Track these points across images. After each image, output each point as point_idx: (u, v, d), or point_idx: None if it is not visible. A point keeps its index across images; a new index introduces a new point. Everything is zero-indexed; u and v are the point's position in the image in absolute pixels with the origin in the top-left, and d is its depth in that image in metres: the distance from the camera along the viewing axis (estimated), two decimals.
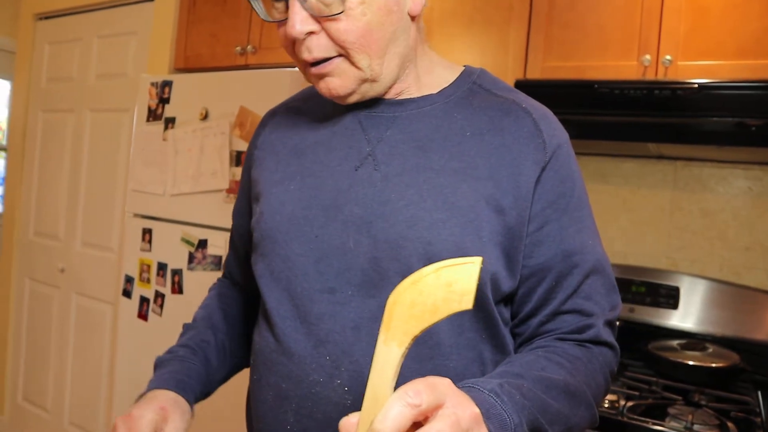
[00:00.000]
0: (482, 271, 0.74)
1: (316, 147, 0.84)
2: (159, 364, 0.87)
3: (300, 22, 0.72)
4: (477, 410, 0.54)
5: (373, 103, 0.83)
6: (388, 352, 0.49)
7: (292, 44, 0.76)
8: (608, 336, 0.81)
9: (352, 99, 0.79)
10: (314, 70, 0.77)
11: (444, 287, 0.48)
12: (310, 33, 0.73)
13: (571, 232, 0.78)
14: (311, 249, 0.78)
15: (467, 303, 0.48)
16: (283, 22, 0.75)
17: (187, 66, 2.48)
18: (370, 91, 0.80)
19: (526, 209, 0.76)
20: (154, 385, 0.81)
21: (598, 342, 0.79)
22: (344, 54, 0.75)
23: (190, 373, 0.84)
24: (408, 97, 0.83)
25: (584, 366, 0.75)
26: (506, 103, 0.81)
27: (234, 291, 1.03)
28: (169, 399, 0.77)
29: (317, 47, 0.74)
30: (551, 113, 0.84)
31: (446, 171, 0.76)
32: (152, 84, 2.21)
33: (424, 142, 0.79)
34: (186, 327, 0.96)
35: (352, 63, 0.75)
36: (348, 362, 0.74)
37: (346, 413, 0.49)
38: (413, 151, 0.78)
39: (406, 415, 0.47)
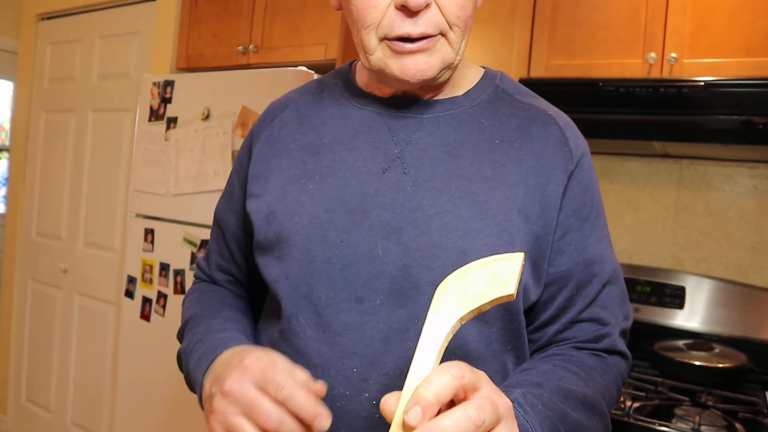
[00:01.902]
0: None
1: (335, 145, 0.80)
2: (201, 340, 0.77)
3: None
4: (510, 402, 0.54)
5: (399, 101, 0.81)
6: (436, 331, 0.51)
7: (380, 17, 0.71)
8: (622, 345, 0.81)
9: (424, 83, 0.75)
10: (411, 46, 0.71)
11: (489, 277, 0.51)
12: (427, 6, 0.70)
13: (591, 242, 0.77)
14: (336, 255, 0.74)
15: (510, 289, 0.50)
16: None
17: (189, 65, 2.47)
18: (442, 78, 0.77)
19: (553, 218, 0.75)
20: (222, 345, 0.72)
21: (612, 351, 0.79)
22: (444, 33, 0.72)
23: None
24: (436, 97, 0.81)
25: (600, 377, 0.74)
26: (531, 110, 0.80)
27: (227, 291, 0.96)
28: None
29: (427, 21, 0.70)
30: (572, 121, 0.83)
31: (478, 178, 0.75)
32: (154, 84, 2.21)
33: (454, 147, 0.77)
34: (197, 317, 0.85)
35: (449, 43, 0.73)
36: (377, 375, 0.71)
37: (374, 428, 0.48)
38: (443, 156, 0.76)
39: (450, 384, 0.47)
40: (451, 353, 0.71)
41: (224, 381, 0.63)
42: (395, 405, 0.48)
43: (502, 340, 0.75)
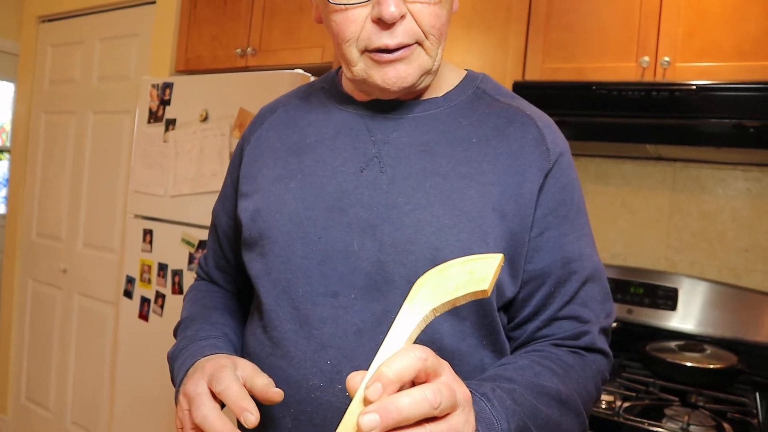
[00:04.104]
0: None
1: (317, 146, 0.83)
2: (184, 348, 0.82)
3: (395, 3, 0.70)
4: (469, 392, 0.55)
5: (379, 103, 0.83)
6: (408, 317, 0.53)
7: (359, 31, 0.73)
8: (602, 343, 0.81)
9: (405, 90, 0.78)
10: (389, 56, 0.74)
11: (466, 273, 0.53)
12: (402, 17, 0.72)
13: (570, 240, 0.79)
14: (314, 251, 0.77)
15: (485, 284, 0.52)
16: (354, 5, 0.73)
17: (188, 68, 2.49)
18: (422, 84, 0.79)
19: (529, 216, 0.76)
20: (195, 356, 0.77)
21: (592, 349, 0.80)
22: (420, 42, 0.75)
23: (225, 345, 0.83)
24: (415, 98, 0.83)
25: (577, 374, 0.75)
26: (510, 110, 0.82)
27: (221, 291, 1.00)
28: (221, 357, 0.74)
29: (403, 32, 0.73)
30: (553, 121, 0.84)
31: (453, 176, 0.76)
32: (153, 86, 2.23)
33: (431, 146, 0.79)
34: (188, 321, 0.90)
35: (425, 51, 0.76)
36: (350, 367, 0.73)
37: None
38: (420, 154, 0.78)
39: (412, 364, 0.49)
40: (426, 346, 0.73)
41: (186, 383, 0.70)
42: (360, 382, 0.50)
43: (477, 335, 0.76)
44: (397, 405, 0.47)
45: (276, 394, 0.66)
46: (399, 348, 0.51)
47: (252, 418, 0.63)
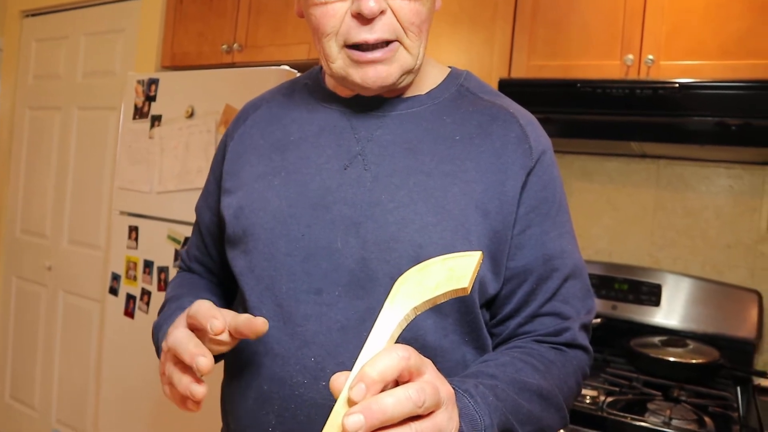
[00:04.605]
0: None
1: (301, 143, 0.83)
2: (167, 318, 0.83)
3: None
4: (452, 390, 0.56)
5: (362, 100, 0.83)
6: (390, 317, 0.53)
7: (339, 25, 0.74)
8: (583, 339, 0.82)
9: (385, 89, 0.78)
10: (369, 56, 0.74)
11: (446, 271, 0.54)
12: (382, 12, 0.72)
13: (552, 237, 0.79)
14: (298, 248, 0.77)
15: (464, 282, 0.52)
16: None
17: (173, 64, 2.48)
18: (403, 83, 0.79)
19: (511, 213, 0.77)
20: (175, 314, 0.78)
21: (573, 345, 0.81)
22: (400, 39, 0.75)
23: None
24: (398, 96, 0.83)
25: (558, 370, 0.76)
26: (494, 108, 0.82)
27: (205, 279, 1.00)
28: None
29: (382, 27, 0.73)
30: (535, 119, 0.85)
31: (436, 174, 0.77)
32: (139, 82, 2.21)
33: (414, 144, 0.79)
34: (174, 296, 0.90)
35: (406, 49, 0.76)
36: (334, 364, 0.73)
37: (329, 415, 0.50)
38: (403, 152, 0.79)
39: (395, 364, 0.49)
40: (408, 344, 0.73)
41: (170, 329, 0.71)
42: (344, 383, 0.50)
43: (459, 332, 0.77)
44: (381, 405, 0.47)
45: (261, 323, 0.66)
46: (381, 347, 0.51)
47: (217, 323, 0.64)
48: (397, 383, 0.51)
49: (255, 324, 0.65)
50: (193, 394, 0.65)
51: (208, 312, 0.65)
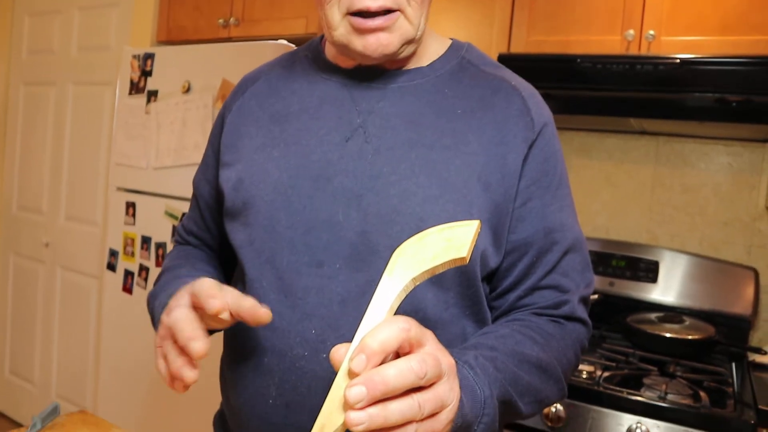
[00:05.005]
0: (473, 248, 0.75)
1: (301, 115, 0.82)
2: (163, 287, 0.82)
3: None
4: (453, 361, 0.55)
5: (364, 72, 0.82)
6: (389, 288, 0.52)
7: None
8: (582, 312, 0.82)
9: (386, 58, 0.77)
10: (371, 23, 0.74)
11: (444, 241, 0.53)
12: None
13: (552, 210, 0.79)
14: (298, 221, 0.77)
15: (463, 252, 0.52)
16: None
17: (169, 38, 2.45)
18: (403, 53, 0.79)
19: (513, 186, 0.76)
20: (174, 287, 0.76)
21: (572, 318, 0.81)
22: (402, 8, 0.74)
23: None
24: (399, 68, 0.82)
25: (557, 342, 0.76)
26: (495, 81, 0.81)
27: (200, 249, 0.99)
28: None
29: None
30: (537, 92, 0.84)
31: (438, 147, 0.76)
32: (134, 56, 2.19)
33: (416, 117, 0.79)
34: (171, 267, 0.90)
35: (407, 18, 0.75)
36: (334, 336, 0.74)
37: (330, 387, 0.50)
38: (405, 125, 0.78)
39: (395, 335, 0.48)
40: (409, 316, 0.73)
41: (170, 302, 0.70)
42: (344, 355, 0.49)
43: (460, 305, 0.77)
44: (383, 376, 0.47)
45: (264, 314, 0.65)
46: (381, 319, 0.51)
47: (215, 302, 0.62)
48: (397, 355, 0.51)
49: (258, 314, 0.65)
50: (183, 378, 0.65)
51: (208, 291, 0.64)
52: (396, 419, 0.47)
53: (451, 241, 0.53)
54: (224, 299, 0.64)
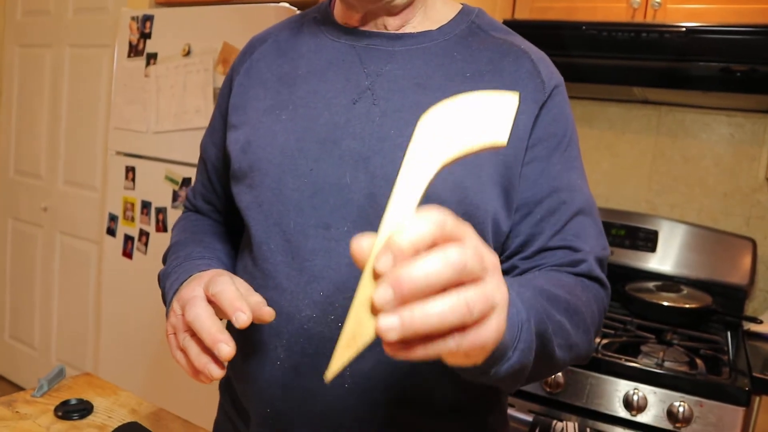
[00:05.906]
0: (483, 212, 0.74)
1: (309, 77, 0.82)
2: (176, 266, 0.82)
3: None
4: (497, 260, 0.45)
5: (372, 35, 0.82)
6: (417, 172, 0.44)
7: None
8: (600, 272, 0.78)
9: (386, 3, 0.77)
10: None
11: (478, 117, 0.45)
12: None
13: (559, 170, 0.78)
14: (306, 183, 0.76)
15: (502, 136, 0.44)
16: None
17: (168, 0, 2.41)
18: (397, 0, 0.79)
19: (522, 148, 0.76)
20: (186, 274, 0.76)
21: (591, 277, 0.77)
22: None
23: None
24: (408, 31, 0.82)
25: (581, 292, 0.72)
26: (505, 45, 0.81)
27: (210, 219, 0.99)
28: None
29: None
30: (547, 56, 0.83)
31: None
32: (133, 18, 2.16)
33: (424, 79, 0.78)
34: (180, 244, 0.89)
35: None
36: (342, 298, 0.74)
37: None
38: (413, 88, 0.77)
39: (428, 230, 0.40)
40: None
41: (182, 290, 0.71)
42: (367, 250, 0.42)
43: None
44: (411, 270, 0.39)
45: (268, 313, 0.66)
46: (410, 210, 0.43)
47: (244, 317, 0.62)
48: None
49: (261, 311, 0.65)
50: (211, 374, 0.65)
51: (233, 304, 0.63)
52: (435, 322, 0.38)
53: (486, 119, 0.44)
54: (249, 312, 0.63)
